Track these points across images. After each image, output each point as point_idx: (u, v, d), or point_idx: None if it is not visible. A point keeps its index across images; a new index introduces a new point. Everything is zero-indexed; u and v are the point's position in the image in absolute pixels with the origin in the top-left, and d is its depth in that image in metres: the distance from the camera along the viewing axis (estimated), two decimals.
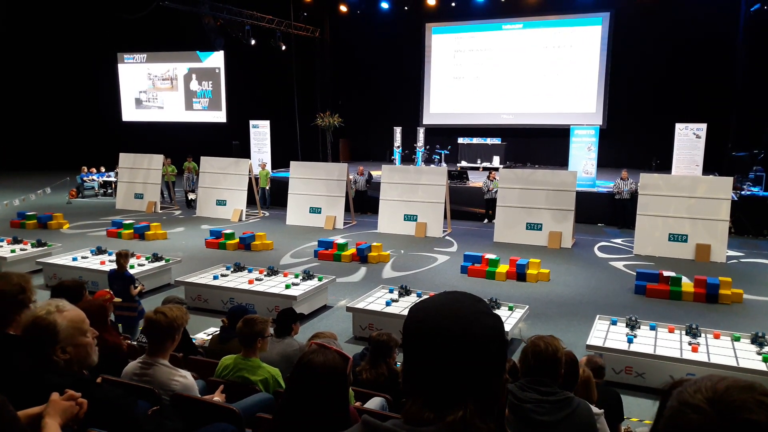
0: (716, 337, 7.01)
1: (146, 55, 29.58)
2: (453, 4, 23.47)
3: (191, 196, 19.29)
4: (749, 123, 17.92)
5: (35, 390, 2.28)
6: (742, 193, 15.27)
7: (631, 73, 21.88)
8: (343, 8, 24.79)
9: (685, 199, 12.78)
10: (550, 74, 23.32)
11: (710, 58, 20.16)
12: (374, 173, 18.12)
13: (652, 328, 7.30)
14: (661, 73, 21.30)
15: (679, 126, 17.29)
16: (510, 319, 7.74)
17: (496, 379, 1.18)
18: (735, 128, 18.64)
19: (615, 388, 6.36)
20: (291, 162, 17.67)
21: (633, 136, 21.99)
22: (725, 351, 6.62)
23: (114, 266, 7.87)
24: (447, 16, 24.40)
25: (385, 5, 24.10)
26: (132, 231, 14.36)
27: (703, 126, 16.97)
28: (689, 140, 17.08)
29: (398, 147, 23.17)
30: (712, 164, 18.13)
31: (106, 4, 23.55)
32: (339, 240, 12.99)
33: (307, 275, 9.57)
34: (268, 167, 19.93)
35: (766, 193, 15.34)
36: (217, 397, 3.82)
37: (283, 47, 23.82)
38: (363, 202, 17.83)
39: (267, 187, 18.95)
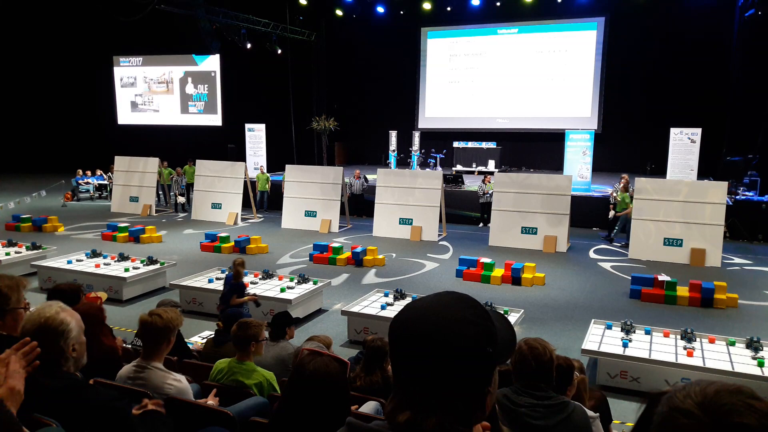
0: (711, 341, 7.01)
1: (142, 59, 29.54)
2: (448, 9, 23.52)
3: (180, 199, 19.21)
4: (744, 128, 18.00)
5: (29, 394, 2.26)
6: (737, 197, 15.34)
7: (626, 77, 21.97)
8: (339, 12, 24.82)
9: (680, 203, 12.82)
10: (546, 79, 23.40)
11: (705, 62, 20.26)
12: (369, 177, 18.13)
13: (647, 332, 7.31)
14: (656, 78, 21.40)
15: (674, 131, 17.37)
16: None
17: (475, 391, 1.15)
18: (729, 133, 18.70)
19: (610, 392, 6.38)
20: (286, 165, 17.66)
21: (628, 141, 22.07)
22: (720, 356, 6.62)
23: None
24: (442, 21, 24.47)
25: (380, 9, 24.13)
26: (127, 234, 14.33)
27: (698, 131, 17.05)
28: (684, 145, 17.15)
29: (393, 151, 23.19)
30: (707, 169, 18.21)
31: (101, 7, 23.51)
32: (334, 244, 12.97)
33: (303, 279, 9.55)
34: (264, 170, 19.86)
35: (760, 197, 15.40)
36: (211, 401, 3.81)
37: (279, 51, 23.83)
38: (359, 206, 17.83)
39: (267, 191, 18.85)
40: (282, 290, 8.97)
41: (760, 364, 6.26)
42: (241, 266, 7.82)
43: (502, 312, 8.17)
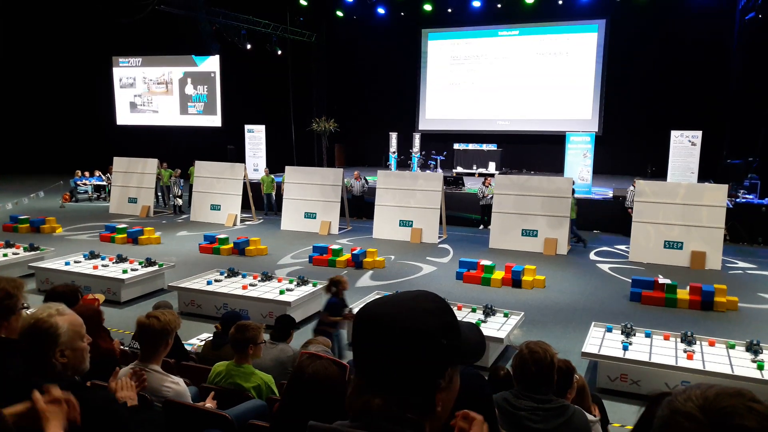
0: (711, 344, 6.99)
1: (141, 59, 29.54)
2: (449, 11, 23.55)
3: (178, 201, 19.08)
4: (744, 130, 18.03)
5: (26, 394, 2.24)
6: (737, 200, 15.33)
7: (627, 80, 21.99)
8: (339, 13, 24.84)
9: (681, 206, 12.81)
10: (546, 81, 23.41)
11: (705, 65, 20.30)
12: (369, 178, 18.12)
13: (648, 335, 7.28)
14: (657, 81, 21.42)
15: (674, 133, 17.37)
16: (505, 326, 7.72)
17: (424, 379, 1.17)
18: (730, 136, 18.73)
19: (610, 395, 6.36)
20: (286, 167, 17.64)
21: (628, 143, 22.08)
22: (720, 359, 6.60)
23: None
24: (443, 22, 24.49)
25: (381, 11, 24.15)
26: (125, 235, 14.30)
27: (699, 133, 17.06)
28: (684, 147, 17.16)
29: (394, 152, 23.20)
30: (707, 171, 18.22)
31: (101, 8, 23.53)
32: (334, 246, 12.93)
33: (302, 281, 9.52)
34: (261, 172, 19.77)
35: (760, 200, 15.39)
36: (209, 404, 3.78)
37: (279, 52, 23.84)
38: (359, 208, 17.81)
39: (273, 193, 18.68)
40: (281, 292, 8.95)
41: (760, 367, 6.24)
42: (336, 284, 6.83)
43: (502, 314, 8.15)
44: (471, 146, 23.50)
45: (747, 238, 14.75)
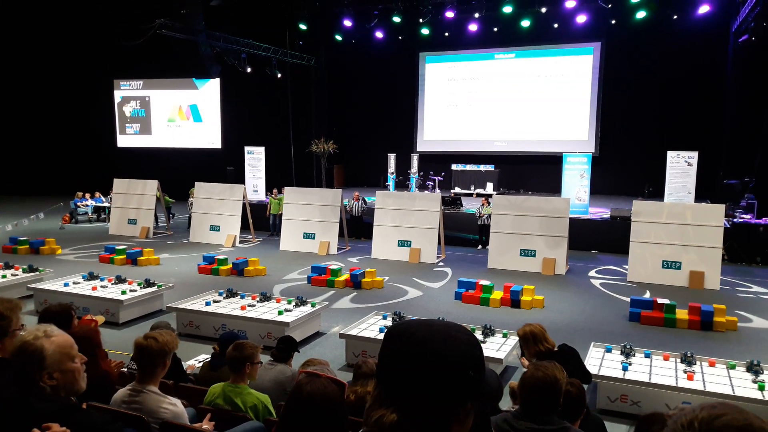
0: (711, 365, 6.96)
1: (142, 82, 29.75)
2: (446, 34, 23.79)
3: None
4: (740, 150, 18.11)
5: (20, 416, 2.24)
6: (735, 220, 15.35)
7: (623, 101, 22.16)
8: (338, 37, 25.07)
9: (678, 226, 12.84)
10: (543, 102, 23.60)
11: (701, 86, 20.48)
12: (368, 199, 18.12)
13: (647, 355, 7.26)
14: (653, 102, 21.59)
15: (671, 154, 17.46)
16: (504, 346, 7.69)
17: (443, 407, 1.17)
18: (726, 156, 18.82)
19: (610, 416, 6.32)
20: (285, 188, 17.68)
21: (625, 164, 22.19)
22: (720, 379, 6.57)
23: None
24: (440, 46, 24.73)
25: (379, 34, 24.38)
26: (125, 256, 14.28)
27: (695, 154, 17.15)
28: (681, 168, 17.24)
29: (392, 173, 23.28)
30: (704, 192, 18.27)
31: (103, 31, 23.78)
32: (333, 266, 12.90)
33: (301, 301, 9.50)
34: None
35: (758, 220, 15.42)
36: (206, 425, 3.76)
37: (279, 75, 24.05)
38: (358, 228, 17.82)
39: (279, 213, 18.35)
40: (280, 312, 8.92)
41: (761, 388, 6.22)
42: None
43: (501, 334, 8.13)
44: (469, 167, 23.61)
45: (745, 257, 14.76)
